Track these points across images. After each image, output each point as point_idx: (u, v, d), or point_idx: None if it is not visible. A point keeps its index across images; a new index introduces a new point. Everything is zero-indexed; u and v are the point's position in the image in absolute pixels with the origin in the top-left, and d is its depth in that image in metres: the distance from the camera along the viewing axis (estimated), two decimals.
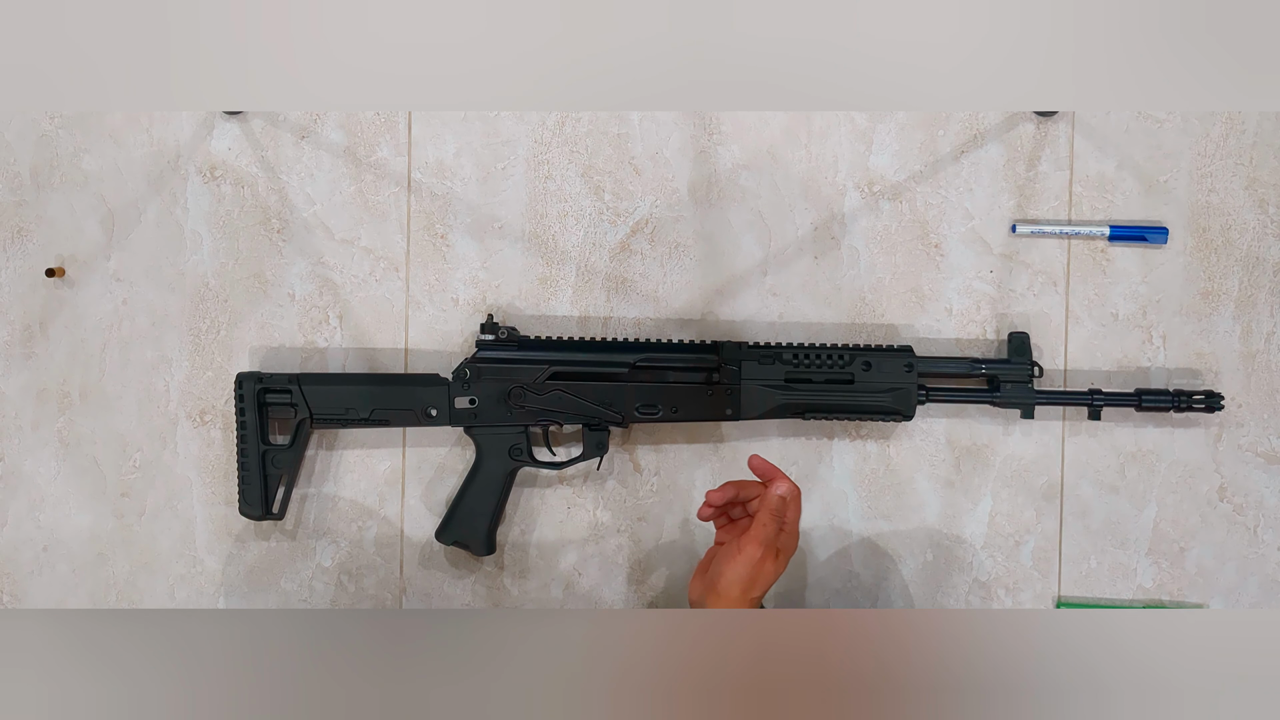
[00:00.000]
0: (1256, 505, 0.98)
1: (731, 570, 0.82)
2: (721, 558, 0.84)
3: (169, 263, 1.00)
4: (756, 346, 0.95)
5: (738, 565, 0.82)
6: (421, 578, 1.01)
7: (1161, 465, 0.98)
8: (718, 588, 0.83)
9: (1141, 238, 0.97)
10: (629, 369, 0.94)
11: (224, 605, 1.01)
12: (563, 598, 1.01)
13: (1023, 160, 0.98)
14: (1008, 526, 0.99)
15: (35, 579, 1.02)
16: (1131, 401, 0.94)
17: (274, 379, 0.95)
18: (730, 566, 0.83)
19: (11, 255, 1.01)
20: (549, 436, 0.97)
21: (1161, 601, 0.99)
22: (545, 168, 1.00)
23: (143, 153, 1.00)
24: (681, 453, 1.00)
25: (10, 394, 1.01)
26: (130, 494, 1.01)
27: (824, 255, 0.99)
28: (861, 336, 0.99)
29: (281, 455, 0.95)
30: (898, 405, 0.93)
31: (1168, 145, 0.98)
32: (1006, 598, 1.00)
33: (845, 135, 0.99)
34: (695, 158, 0.99)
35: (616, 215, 1.00)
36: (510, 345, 0.94)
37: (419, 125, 1.00)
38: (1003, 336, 0.97)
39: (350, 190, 1.00)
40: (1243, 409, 0.98)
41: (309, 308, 1.00)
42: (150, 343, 1.01)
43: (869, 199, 0.99)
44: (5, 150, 1.01)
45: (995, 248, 0.98)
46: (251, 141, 1.00)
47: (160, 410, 1.01)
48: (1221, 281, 0.98)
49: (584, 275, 1.00)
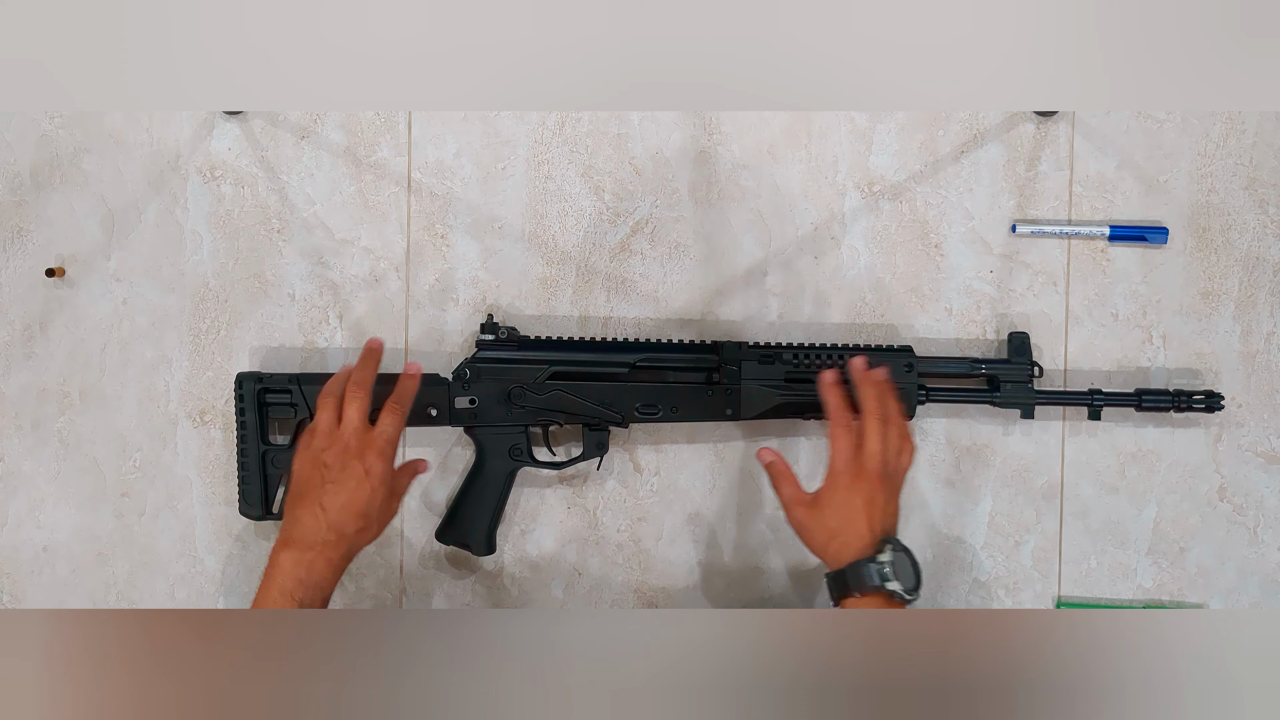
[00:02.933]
0: (1256, 505, 0.98)
1: (874, 442, 0.83)
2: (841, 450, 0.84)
3: (169, 263, 1.00)
4: (756, 346, 0.95)
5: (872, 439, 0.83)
6: (421, 578, 1.01)
7: (1161, 465, 0.98)
8: (867, 470, 0.83)
9: (1141, 238, 0.97)
10: (629, 369, 0.94)
11: (224, 605, 1.01)
12: (563, 598, 1.01)
13: (1023, 160, 0.98)
14: (1008, 526, 0.99)
15: (35, 579, 1.02)
16: (1131, 401, 0.94)
17: (274, 379, 0.95)
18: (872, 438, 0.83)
19: (11, 255, 1.01)
20: (549, 436, 0.97)
21: (1161, 601, 0.99)
22: (545, 168, 1.00)
23: (143, 153, 1.00)
24: (681, 453, 1.00)
25: (10, 394, 1.01)
26: (130, 494, 1.01)
27: (824, 255, 0.99)
28: (861, 336, 0.99)
29: (281, 455, 0.95)
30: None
31: (1168, 145, 0.98)
32: (1006, 598, 1.00)
33: (845, 135, 0.99)
34: (695, 158, 0.99)
35: (616, 215, 1.00)
36: (510, 345, 0.94)
37: (419, 125, 1.00)
38: (1003, 336, 0.97)
39: (350, 190, 1.00)
40: (1243, 409, 0.98)
41: (309, 308, 1.00)
42: (150, 343, 1.01)
43: (869, 199, 0.99)
44: (5, 150, 1.01)
45: (995, 248, 0.99)
46: (251, 141, 1.00)
47: (160, 410, 1.01)
48: (1221, 281, 0.98)
49: (584, 275, 1.00)
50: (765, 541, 1.00)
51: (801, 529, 0.85)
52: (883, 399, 0.85)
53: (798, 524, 0.86)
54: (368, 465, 0.83)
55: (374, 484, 0.83)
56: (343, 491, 0.82)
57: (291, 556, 0.81)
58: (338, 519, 0.82)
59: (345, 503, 0.82)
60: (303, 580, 0.81)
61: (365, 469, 0.83)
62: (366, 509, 0.83)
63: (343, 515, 0.82)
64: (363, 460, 0.83)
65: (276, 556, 0.82)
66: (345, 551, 0.83)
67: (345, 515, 0.82)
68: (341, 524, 0.82)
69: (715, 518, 1.00)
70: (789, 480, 0.87)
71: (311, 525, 0.82)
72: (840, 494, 0.83)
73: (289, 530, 0.83)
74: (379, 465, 0.83)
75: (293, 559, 0.81)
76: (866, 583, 0.80)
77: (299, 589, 0.80)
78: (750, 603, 1.00)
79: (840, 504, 0.83)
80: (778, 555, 1.00)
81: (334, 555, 0.82)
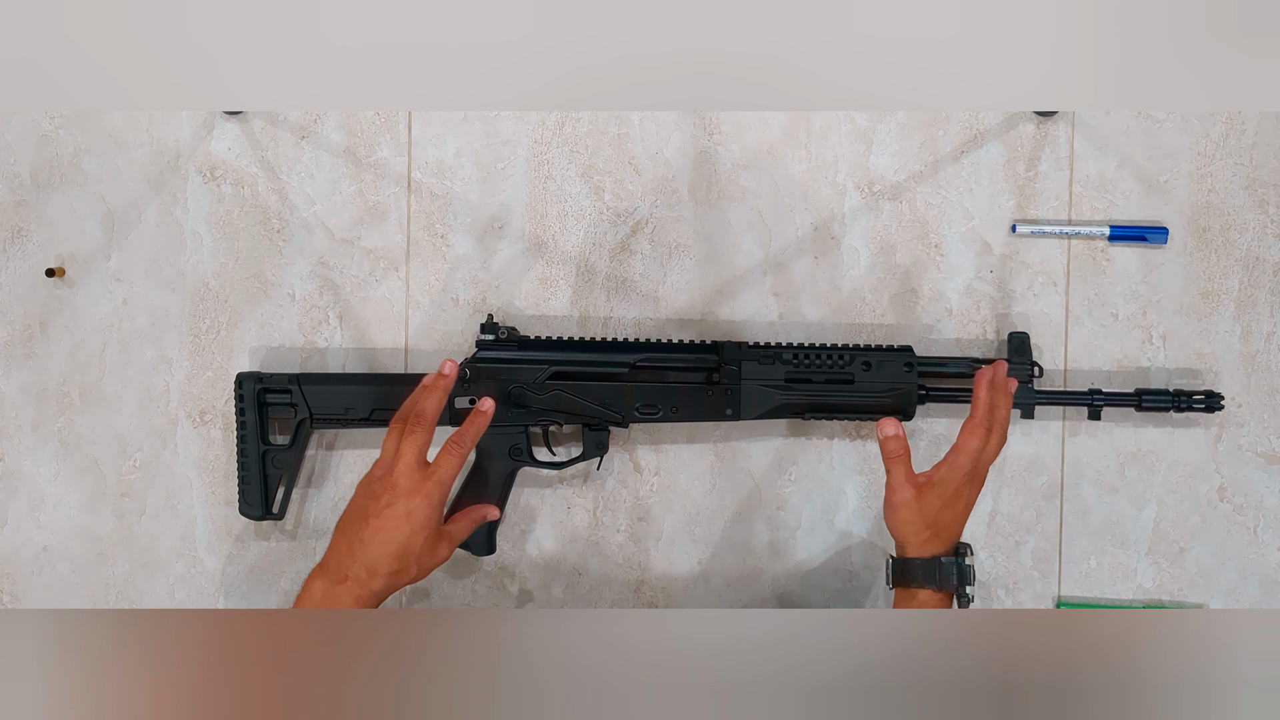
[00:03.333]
0: (1256, 505, 0.98)
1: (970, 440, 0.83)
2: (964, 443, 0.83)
3: (169, 263, 1.00)
4: (756, 346, 0.95)
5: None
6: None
7: (1161, 465, 0.98)
8: (980, 474, 0.83)
9: (1141, 238, 0.97)
10: (629, 369, 0.94)
11: (224, 605, 1.01)
12: (563, 598, 1.01)
13: (1023, 160, 0.98)
14: (1008, 526, 0.99)
15: (35, 579, 1.02)
16: (1131, 401, 0.94)
17: (274, 379, 0.95)
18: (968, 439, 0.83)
19: (11, 255, 1.01)
20: (549, 436, 0.97)
21: (1161, 601, 0.99)
22: (545, 168, 1.00)
23: (143, 153, 1.00)
24: (681, 453, 1.00)
25: (10, 394, 1.01)
26: (130, 494, 1.01)
27: (824, 255, 0.99)
28: (861, 336, 0.99)
29: (281, 455, 0.95)
30: (898, 405, 0.93)
31: (1168, 145, 0.98)
32: (1006, 598, 1.00)
33: (845, 135, 0.99)
34: (695, 158, 0.99)
35: (616, 215, 1.00)
36: (510, 345, 0.94)
37: (419, 125, 1.00)
38: (1003, 336, 0.97)
39: (350, 190, 1.00)
40: (1243, 409, 0.98)
41: (309, 308, 1.00)
42: (150, 343, 1.01)
43: (869, 199, 0.99)
44: (5, 150, 1.01)
45: (995, 248, 0.99)
46: (251, 141, 1.00)
47: (160, 410, 1.01)
48: (1221, 281, 0.98)
49: (584, 275, 1.00)
50: (765, 541, 1.00)
51: (903, 507, 0.83)
52: (1009, 411, 0.85)
53: (901, 502, 0.83)
54: (411, 508, 0.81)
55: (414, 527, 0.81)
56: (382, 530, 0.80)
57: (322, 587, 0.81)
58: (373, 556, 0.80)
59: (383, 541, 0.80)
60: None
61: (408, 511, 0.81)
62: (403, 551, 0.81)
63: (378, 554, 0.80)
64: (408, 502, 0.81)
65: (310, 583, 0.82)
66: (378, 589, 0.81)
67: (380, 554, 0.80)
68: (374, 562, 0.80)
69: (715, 518, 1.00)
70: (904, 460, 0.84)
71: (347, 556, 0.81)
72: (953, 488, 0.82)
73: (328, 556, 0.82)
74: (423, 510, 0.81)
75: (322, 590, 0.81)
76: (949, 581, 0.82)
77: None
78: (750, 603, 1.00)
79: (951, 498, 0.82)
80: (778, 555, 1.00)
81: (363, 593, 0.80)
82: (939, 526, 0.83)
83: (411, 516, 0.81)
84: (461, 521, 0.88)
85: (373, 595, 0.81)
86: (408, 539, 0.81)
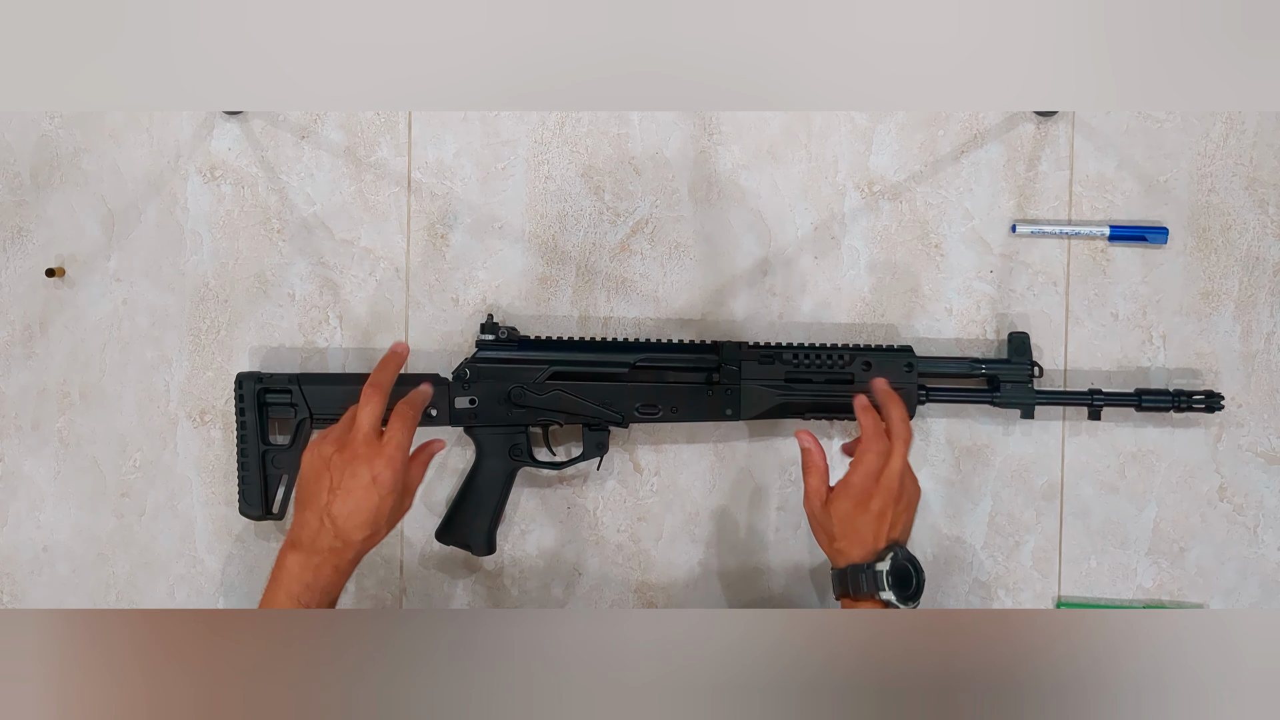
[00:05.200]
0: (1256, 505, 0.98)
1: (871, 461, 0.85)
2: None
3: (169, 263, 1.00)
4: (756, 346, 0.95)
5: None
6: (421, 578, 1.01)
7: (1161, 465, 0.98)
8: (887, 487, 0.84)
9: (1141, 238, 0.97)
10: (629, 369, 0.94)
11: (224, 605, 1.01)
12: (563, 597, 1.01)
13: (1023, 160, 0.98)
14: (1008, 526, 0.99)
15: (35, 579, 1.02)
16: (1131, 401, 0.94)
17: (274, 379, 0.95)
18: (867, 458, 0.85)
19: (11, 255, 1.01)
20: (549, 436, 0.97)
21: (1161, 601, 0.99)
22: (545, 168, 1.00)
23: (143, 153, 1.00)
24: (681, 453, 1.00)
25: (10, 394, 1.01)
26: (130, 494, 1.01)
27: (824, 255, 0.99)
28: (861, 336, 0.99)
29: (281, 455, 0.95)
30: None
31: (1168, 145, 0.98)
32: (1006, 598, 1.00)
33: (845, 135, 0.99)
34: (695, 158, 0.99)
35: (616, 215, 1.00)
36: (510, 345, 0.94)
37: (419, 125, 1.00)
38: (1003, 336, 0.97)
39: (350, 190, 1.00)
40: (1243, 409, 0.98)
41: (309, 308, 1.00)
42: (150, 343, 1.01)
43: (869, 199, 0.99)
44: (5, 150, 1.01)
45: (995, 248, 0.99)
46: (251, 141, 1.00)
47: (160, 410, 1.01)
48: (1221, 281, 0.98)
49: (584, 275, 1.00)
50: (765, 541, 1.00)
51: (813, 520, 0.88)
52: (905, 420, 0.86)
53: (811, 515, 0.88)
54: (376, 473, 0.81)
55: (382, 492, 0.81)
56: (350, 500, 0.81)
57: (298, 560, 0.81)
58: (344, 528, 0.81)
59: (351, 511, 0.81)
60: (309, 584, 0.80)
61: (373, 477, 0.81)
62: (374, 518, 0.82)
63: (349, 524, 0.81)
64: (371, 468, 0.81)
65: (283, 558, 0.82)
66: (352, 557, 0.82)
67: (351, 524, 0.81)
68: (348, 533, 0.81)
69: (715, 518, 1.00)
70: (818, 472, 0.87)
71: (318, 530, 0.81)
72: (852, 504, 0.84)
73: (296, 532, 0.82)
74: (387, 473, 0.81)
75: (299, 562, 0.81)
76: (862, 587, 0.82)
77: (305, 593, 0.80)
78: (750, 603, 1.00)
79: (850, 513, 0.84)
80: (778, 555, 1.00)
81: (340, 561, 0.81)
82: (844, 538, 0.84)
83: (378, 481, 0.81)
84: (415, 468, 0.87)
85: (349, 562, 0.82)
86: (377, 504, 0.81)
